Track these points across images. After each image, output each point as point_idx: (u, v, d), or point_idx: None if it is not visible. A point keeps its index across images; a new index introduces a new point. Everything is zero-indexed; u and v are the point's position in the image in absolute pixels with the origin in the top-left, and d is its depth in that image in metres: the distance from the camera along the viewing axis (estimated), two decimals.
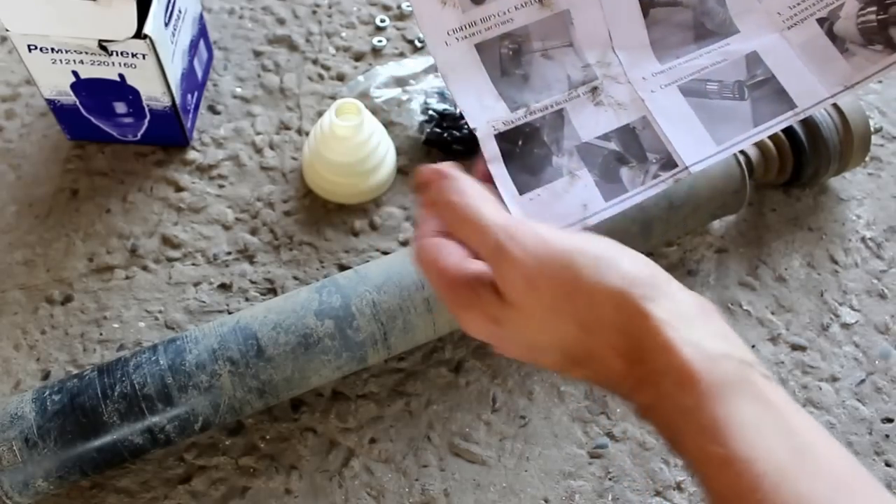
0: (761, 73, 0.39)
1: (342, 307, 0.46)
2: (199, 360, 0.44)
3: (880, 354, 0.55)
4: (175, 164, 0.60)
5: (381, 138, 0.57)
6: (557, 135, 0.38)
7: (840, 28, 0.39)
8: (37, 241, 0.57)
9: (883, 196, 0.62)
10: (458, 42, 0.38)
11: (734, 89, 0.39)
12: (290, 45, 0.67)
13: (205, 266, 0.56)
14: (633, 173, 0.38)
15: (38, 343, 0.53)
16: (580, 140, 0.38)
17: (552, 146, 0.38)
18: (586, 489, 0.49)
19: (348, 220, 0.58)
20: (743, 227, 0.60)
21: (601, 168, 0.38)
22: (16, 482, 0.42)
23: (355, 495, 0.48)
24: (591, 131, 0.39)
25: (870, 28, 0.38)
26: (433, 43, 0.38)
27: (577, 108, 0.39)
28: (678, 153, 0.38)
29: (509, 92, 0.38)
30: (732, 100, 0.39)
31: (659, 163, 0.38)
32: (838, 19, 0.39)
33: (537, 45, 0.39)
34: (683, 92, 0.39)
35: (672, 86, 0.39)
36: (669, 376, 0.28)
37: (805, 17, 0.39)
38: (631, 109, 0.39)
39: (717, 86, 0.39)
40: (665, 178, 0.38)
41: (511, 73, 0.39)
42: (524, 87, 0.39)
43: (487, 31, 0.38)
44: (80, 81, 0.55)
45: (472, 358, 0.53)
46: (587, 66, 0.39)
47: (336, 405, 0.51)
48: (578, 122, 0.39)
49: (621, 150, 0.38)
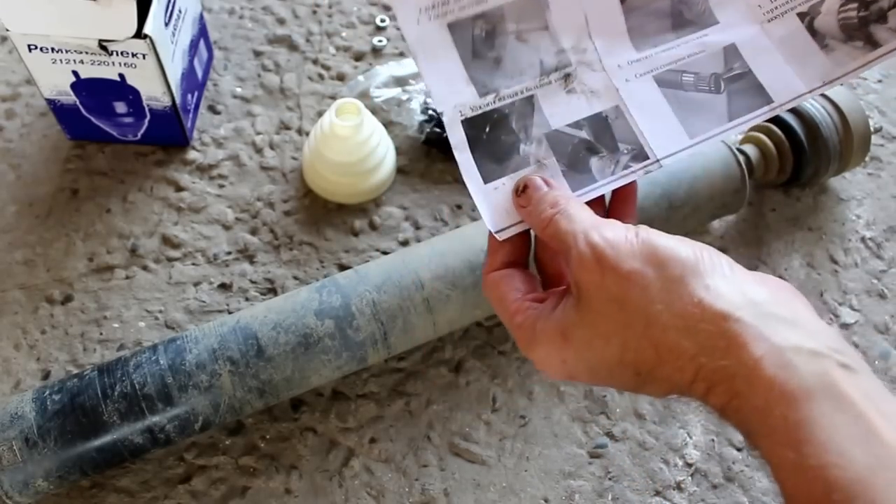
0: (738, 66, 0.39)
1: (342, 307, 0.46)
2: (199, 359, 0.44)
3: (880, 354, 0.55)
4: (175, 163, 0.60)
5: (381, 138, 0.57)
6: (526, 122, 0.37)
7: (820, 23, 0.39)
8: (37, 241, 0.57)
9: (883, 196, 0.62)
10: (430, 21, 0.37)
11: (710, 82, 0.38)
12: (290, 44, 0.67)
13: (205, 266, 0.56)
14: (602, 163, 0.37)
15: (38, 343, 0.53)
16: (550, 128, 0.38)
17: (520, 133, 0.37)
18: (586, 489, 0.49)
19: (348, 220, 0.58)
20: (743, 227, 0.60)
21: (570, 157, 0.37)
22: (16, 482, 0.42)
23: (355, 495, 0.48)
24: (561, 119, 0.38)
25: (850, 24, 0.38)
26: (404, 20, 0.37)
27: (549, 95, 0.38)
28: (650, 145, 0.37)
29: (480, 76, 0.37)
30: (708, 92, 0.38)
31: (630, 153, 0.37)
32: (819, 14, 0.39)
33: (511, 26, 0.38)
34: (659, 82, 0.38)
35: (647, 75, 0.39)
36: (740, 375, 0.27)
37: (786, 10, 0.39)
38: (604, 97, 0.38)
39: (693, 77, 0.39)
40: (635, 170, 0.37)
41: (483, 55, 0.37)
42: (496, 71, 0.38)
43: (461, 11, 0.37)
44: (80, 81, 0.55)
45: (472, 358, 0.53)
46: (561, 52, 0.38)
47: (336, 405, 0.51)
48: (549, 110, 0.38)
49: (592, 139, 0.37)
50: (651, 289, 0.30)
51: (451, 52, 0.37)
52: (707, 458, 0.50)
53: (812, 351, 0.27)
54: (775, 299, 0.29)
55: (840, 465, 0.25)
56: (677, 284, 0.29)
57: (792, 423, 0.26)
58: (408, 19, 0.37)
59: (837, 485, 0.24)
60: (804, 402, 0.26)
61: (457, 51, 0.37)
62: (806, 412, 0.26)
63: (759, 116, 0.38)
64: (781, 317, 0.28)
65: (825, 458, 0.25)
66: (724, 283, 0.29)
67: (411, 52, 0.37)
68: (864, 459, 0.25)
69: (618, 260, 0.30)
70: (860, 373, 0.27)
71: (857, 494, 0.24)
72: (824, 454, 0.25)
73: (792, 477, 0.26)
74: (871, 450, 0.25)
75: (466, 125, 0.37)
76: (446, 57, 0.37)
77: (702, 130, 0.38)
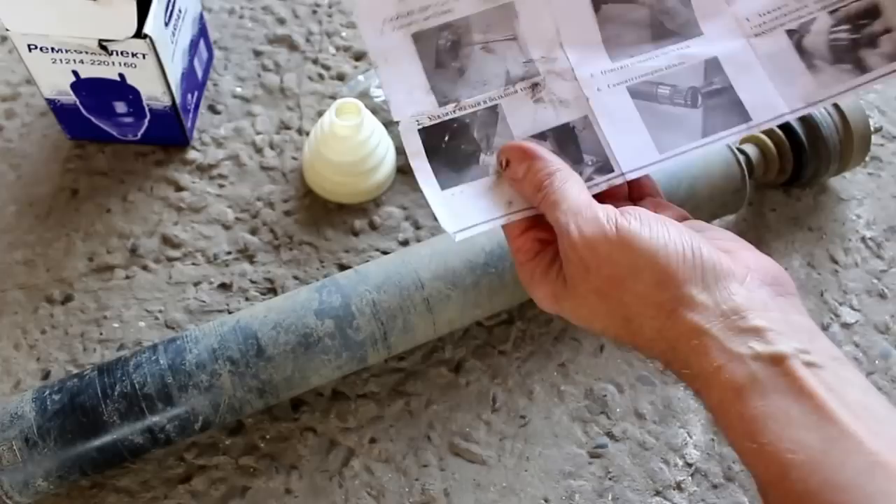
0: (719, 81, 0.37)
1: (342, 307, 0.46)
2: (199, 359, 0.44)
3: (880, 354, 0.55)
4: (175, 163, 0.60)
5: (381, 138, 0.57)
6: (488, 131, 0.37)
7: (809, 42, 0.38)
8: (37, 241, 0.57)
9: (883, 196, 0.62)
10: (394, 31, 0.37)
11: (687, 96, 0.37)
12: (290, 44, 0.67)
13: (205, 266, 0.56)
14: None
15: (38, 343, 0.53)
16: (513, 138, 0.37)
17: (481, 142, 0.37)
18: (586, 489, 0.49)
19: (348, 220, 0.58)
20: (743, 227, 0.60)
21: None
22: (16, 482, 0.42)
23: (355, 495, 0.48)
24: (526, 129, 0.37)
25: (840, 46, 0.37)
26: (367, 31, 0.36)
27: (514, 105, 0.37)
28: (616, 158, 0.37)
29: (441, 85, 0.37)
30: (683, 106, 0.37)
31: (594, 165, 0.37)
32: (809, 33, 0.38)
33: (478, 37, 0.37)
34: (632, 94, 0.37)
35: (621, 86, 0.38)
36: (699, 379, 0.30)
37: (774, 26, 0.38)
38: (573, 108, 0.37)
39: (670, 90, 0.38)
40: (598, 183, 0.37)
41: (447, 65, 0.37)
42: (458, 80, 0.37)
43: (425, 21, 0.37)
44: (80, 81, 0.55)
45: (472, 358, 0.53)
46: (529, 62, 0.38)
47: (336, 405, 0.51)
48: (513, 120, 0.37)
49: (556, 151, 0.37)
50: (629, 292, 0.32)
51: (414, 61, 0.37)
52: (707, 457, 0.50)
53: (773, 356, 0.29)
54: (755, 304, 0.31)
55: (794, 449, 0.27)
56: (653, 291, 0.31)
57: (747, 419, 0.28)
58: (371, 29, 0.37)
59: (794, 465, 0.27)
60: (758, 400, 0.28)
61: (420, 61, 0.37)
62: (760, 409, 0.28)
63: (735, 134, 0.37)
64: (751, 327, 0.30)
65: (780, 444, 0.27)
66: (700, 292, 0.31)
67: (372, 62, 0.37)
68: (817, 443, 0.27)
69: (597, 263, 0.32)
70: (826, 368, 0.29)
71: (813, 470, 0.26)
72: (778, 441, 0.27)
73: (753, 461, 0.28)
74: (825, 434, 0.27)
75: (423, 134, 0.37)
76: (408, 66, 0.37)
77: (672, 146, 0.37)
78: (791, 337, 0.30)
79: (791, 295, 0.32)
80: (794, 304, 0.32)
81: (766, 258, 0.34)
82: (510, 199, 0.37)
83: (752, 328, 0.30)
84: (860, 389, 0.29)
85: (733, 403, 0.29)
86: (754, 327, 0.30)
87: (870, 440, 0.27)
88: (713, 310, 0.30)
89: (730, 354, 0.29)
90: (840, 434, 0.27)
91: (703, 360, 0.30)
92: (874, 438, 0.27)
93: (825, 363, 0.29)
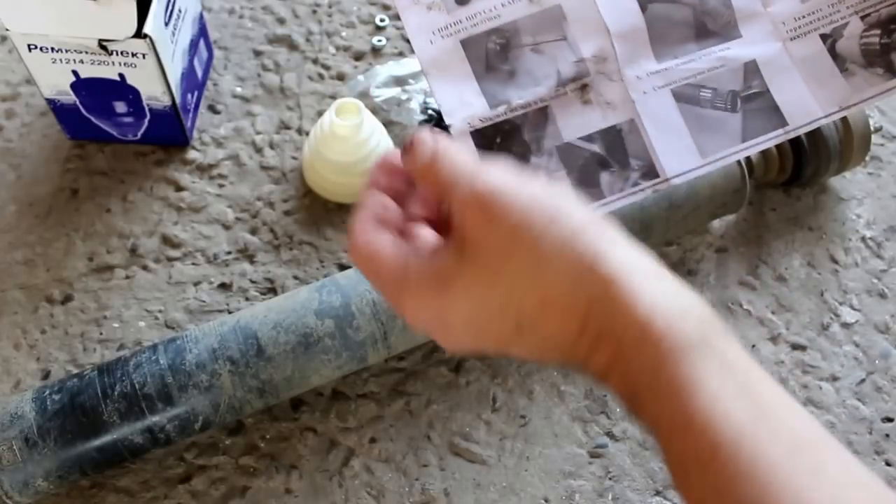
0: (757, 84, 0.38)
1: (342, 306, 0.46)
2: (199, 359, 0.44)
3: (880, 354, 0.55)
4: (175, 163, 0.60)
5: (380, 138, 0.57)
6: (539, 133, 0.37)
7: (842, 47, 0.38)
8: (37, 241, 0.57)
9: (883, 195, 0.62)
10: (443, 39, 0.37)
11: (727, 99, 0.38)
12: (290, 44, 0.67)
13: (205, 265, 0.56)
14: (612, 179, 0.37)
15: (38, 343, 0.53)
16: (562, 140, 0.37)
17: (532, 145, 0.37)
18: (586, 489, 0.49)
19: (348, 220, 0.58)
20: (743, 227, 0.60)
21: (581, 171, 0.37)
22: (16, 482, 0.42)
23: (355, 495, 0.48)
24: (574, 131, 0.38)
25: (872, 50, 0.38)
26: (418, 43, 0.37)
27: (564, 106, 0.38)
28: (661, 163, 0.37)
29: (492, 88, 0.37)
30: (724, 110, 0.38)
31: (640, 170, 0.37)
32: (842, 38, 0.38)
33: (527, 39, 0.38)
34: (676, 97, 0.38)
35: (665, 88, 0.38)
36: (629, 333, 0.28)
37: (809, 30, 0.38)
38: (620, 110, 0.38)
39: (711, 94, 0.38)
40: (644, 188, 0.37)
41: (497, 68, 0.37)
42: (509, 83, 0.38)
43: (474, 28, 0.37)
44: (80, 81, 0.55)
45: (472, 357, 0.53)
46: (580, 61, 0.38)
47: (336, 405, 0.51)
48: (563, 122, 0.38)
49: (604, 154, 0.37)
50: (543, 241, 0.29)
51: (464, 65, 0.37)
52: None
53: (699, 316, 0.28)
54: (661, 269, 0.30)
55: (724, 419, 0.26)
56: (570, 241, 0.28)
57: (679, 381, 0.26)
58: (421, 41, 0.37)
59: (723, 440, 0.25)
60: (692, 361, 0.27)
61: (469, 65, 0.37)
62: (693, 370, 0.27)
63: (773, 139, 0.37)
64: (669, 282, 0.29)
65: (710, 412, 0.26)
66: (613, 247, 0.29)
67: (424, 72, 0.37)
68: (745, 414, 0.26)
69: (506, 209, 0.29)
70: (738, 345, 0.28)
71: (742, 447, 0.25)
72: (709, 409, 0.26)
73: (678, 437, 0.27)
74: (752, 402, 0.26)
75: (476, 136, 0.37)
76: (458, 71, 0.37)
77: (714, 150, 0.37)
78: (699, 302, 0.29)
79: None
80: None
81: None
82: None
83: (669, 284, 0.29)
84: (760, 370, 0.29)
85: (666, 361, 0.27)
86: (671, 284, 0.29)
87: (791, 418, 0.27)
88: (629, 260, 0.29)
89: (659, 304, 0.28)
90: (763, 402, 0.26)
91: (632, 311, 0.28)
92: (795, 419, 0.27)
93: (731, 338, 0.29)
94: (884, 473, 0.50)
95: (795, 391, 0.53)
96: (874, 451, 0.51)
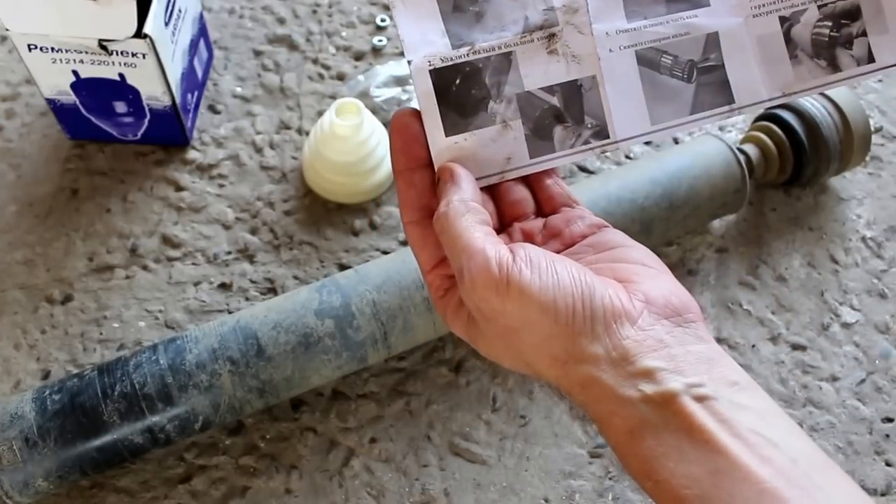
0: (714, 58, 0.38)
1: (342, 307, 0.46)
2: (199, 359, 0.44)
3: (881, 354, 0.55)
4: (175, 163, 0.60)
5: (380, 138, 0.57)
6: (500, 78, 0.37)
7: (796, 32, 0.38)
8: (37, 241, 0.57)
9: (883, 196, 0.62)
10: None
11: (686, 69, 0.38)
12: (290, 44, 0.67)
13: (205, 265, 0.56)
14: (565, 134, 0.37)
15: (38, 343, 0.53)
16: (523, 88, 0.37)
17: (492, 89, 0.37)
18: (586, 489, 0.49)
19: (348, 220, 0.58)
20: (743, 227, 0.60)
21: (536, 122, 0.37)
22: (16, 482, 0.42)
23: (355, 495, 0.48)
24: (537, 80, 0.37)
25: (821, 41, 0.38)
26: None
27: (528, 54, 0.37)
28: (613, 124, 0.37)
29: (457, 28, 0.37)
30: (681, 80, 0.38)
31: (593, 129, 0.37)
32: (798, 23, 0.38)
33: None
34: (639, 59, 0.38)
35: (630, 49, 0.38)
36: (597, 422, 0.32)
37: (770, 10, 0.39)
38: (584, 65, 0.37)
39: (671, 61, 0.38)
40: (594, 147, 0.37)
41: (464, 8, 0.37)
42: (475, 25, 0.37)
43: None
44: (80, 81, 0.55)
45: (472, 357, 0.53)
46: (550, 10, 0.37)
47: (336, 405, 0.51)
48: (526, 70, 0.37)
49: (562, 108, 0.37)
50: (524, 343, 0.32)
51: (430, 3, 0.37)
52: None
53: (663, 395, 0.30)
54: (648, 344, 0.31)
55: (688, 484, 0.28)
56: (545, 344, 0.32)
57: (642, 458, 0.30)
58: None
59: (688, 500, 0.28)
60: (651, 440, 0.30)
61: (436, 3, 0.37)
62: (653, 448, 0.29)
63: (719, 116, 0.38)
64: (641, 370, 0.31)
65: (674, 481, 0.29)
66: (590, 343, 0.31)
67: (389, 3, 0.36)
68: (707, 476, 0.28)
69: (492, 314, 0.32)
70: (719, 398, 0.30)
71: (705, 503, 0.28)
72: (672, 478, 0.29)
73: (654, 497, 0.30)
74: (714, 466, 0.28)
75: (435, 75, 0.37)
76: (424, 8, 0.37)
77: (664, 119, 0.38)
78: (685, 372, 0.30)
79: (693, 322, 0.32)
80: (695, 333, 0.32)
81: (668, 283, 0.33)
82: (509, 154, 0.37)
83: (642, 371, 0.30)
84: (755, 414, 0.29)
85: (628, 445, 0.30)
86: (644, 370, 0.30)
87: (758, 468, 0.28)
88: (604, 358, 0.31)
89: (621, 400, 0.30)
90: (729, 465, 0.28)
91: (598, 406, 0.31)
92: (763, 466, 0.28)
93: (719, 393, 0.30)
94: (884, 474, 0.50)
95: (795, 391, 0.53)
96: (874, 451, 0.51)
